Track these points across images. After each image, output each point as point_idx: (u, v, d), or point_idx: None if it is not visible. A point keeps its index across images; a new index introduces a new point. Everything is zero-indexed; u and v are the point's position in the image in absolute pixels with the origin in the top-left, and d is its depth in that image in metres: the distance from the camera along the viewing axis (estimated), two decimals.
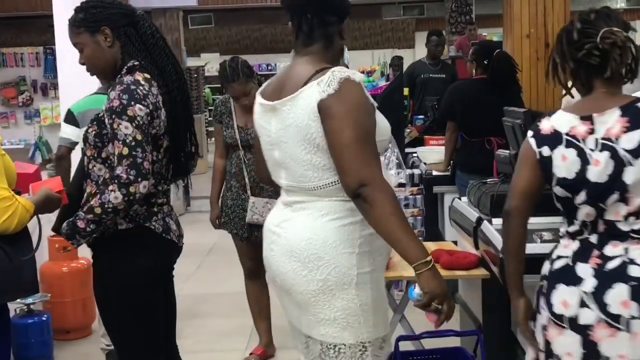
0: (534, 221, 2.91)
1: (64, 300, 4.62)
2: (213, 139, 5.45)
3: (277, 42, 19.51)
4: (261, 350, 4.30)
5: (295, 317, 2.30)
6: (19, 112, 7.67)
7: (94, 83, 7.47)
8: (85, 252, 4.65)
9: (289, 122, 2.16)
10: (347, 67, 2.43)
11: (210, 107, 15.48)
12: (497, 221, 2.97)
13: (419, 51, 16.49)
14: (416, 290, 2.07)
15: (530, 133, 2.22)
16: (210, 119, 16.88)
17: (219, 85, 16.86)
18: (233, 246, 4.94)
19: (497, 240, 2.91)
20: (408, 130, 6.61)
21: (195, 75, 13.24)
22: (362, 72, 9.86)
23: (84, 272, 4.69)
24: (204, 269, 6.53)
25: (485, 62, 4.88)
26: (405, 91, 7.04)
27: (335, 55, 2.29)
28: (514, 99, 4.69)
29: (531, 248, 2.81)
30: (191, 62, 13.86)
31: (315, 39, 2.23)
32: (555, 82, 2.22)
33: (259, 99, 2.33)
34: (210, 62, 18.22)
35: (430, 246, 3.66)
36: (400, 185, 3.53)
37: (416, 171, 5.20)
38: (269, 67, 18.94)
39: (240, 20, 18.25)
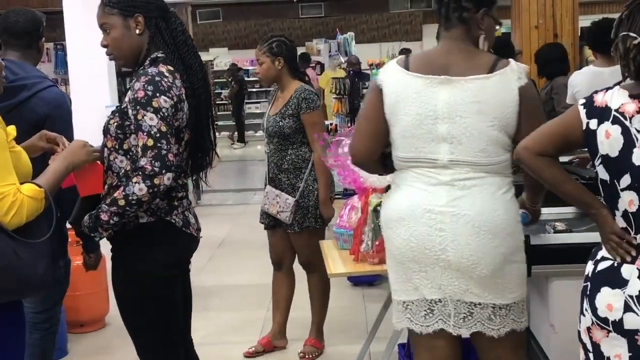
0: (546, 212, 2.89)
1: (78, 293, 4.61)
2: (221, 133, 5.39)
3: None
4: (266, 340, 4.31)
5: (461, 290, 2.38)
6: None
7: (103, 78, 7.48)
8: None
9: (479, 98, 2.32)
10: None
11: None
12: None
13: (427, 43, 16.45)
14: None
15: (581, 101, 2.09)
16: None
17: (228, 79, 16.88)
18: (244, 239, 5.01)
19: None
20: None
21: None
22: (371, 65, 9.83)
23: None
24: (215, 261, 6.54)
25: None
26: None
27: (476, 41, 2.45)
28: None
29: (545, 239, 2.79)
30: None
31: (454, 23, 2.42)
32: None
33: (405, 72, 2.42)
34: (219, 57, 18.23)
35: None
36: None
37: None
38: None
39: (248, 14, 18.24)
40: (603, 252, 2.08)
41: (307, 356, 4.16)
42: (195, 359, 2.78)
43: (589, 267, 2.12)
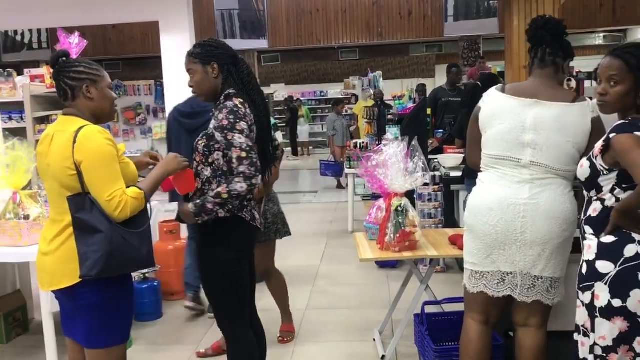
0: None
1: (170, 270, 4.68)
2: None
3: (327, 74, 19.51)
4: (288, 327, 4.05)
5: (530, 265, 2.47)
6: (137, 129, 7.81)
7: None
8: (184, 234, 4.74)
9: (560, 119, 2.42)
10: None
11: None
12: None
13: (438, 80, 16.31)
14: None
15: None
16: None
17: (284, 108, 16.97)
18: (297, 230, 4.96)
19: None
20: (430, 141, 6.53)
21: (267, 101, 13.33)
22: (394, 97, 9.78)
23: (184, 249, 4.76)
24: None
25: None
26: (428, 111, 6.95)
27: (561, 82, 2.59)
28: None
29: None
30: (263, 91, 13.96)
31: (547, 64, 2.51)
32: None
33: (502, 95, 2.54)
34: (278, 91, 18.35)
35: (449, 232, 3.62)
36: (425, 184, 3.48)
37: (437, 173, 5.14)
38: (322, 94, 18.95)
39: (300, 58, 18.29)
40: None
41: (285, 339, 3.90)
42: (257, 321, 2.80)
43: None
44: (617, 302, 1.99)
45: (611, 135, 2.07)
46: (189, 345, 3.92)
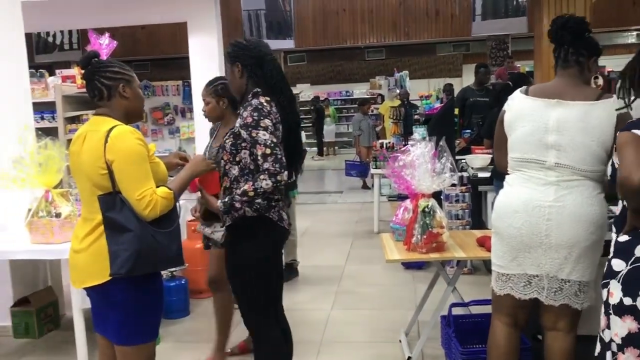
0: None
1: (197, 268, 4.71)
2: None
3: (353, 74, 19.46)
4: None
5: (556, 268, 2.42)
6: (165, 130, 7.90)
7: None
8: None
9: (583, 119, 2.35)
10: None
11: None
12: None
13: (466, 79, 16.14)
14: None
15: None
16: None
17: (310, 108, 17.00)
18: (321, 231, 5.00)
19: None
20: (458, 141, 6.48)
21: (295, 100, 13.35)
22: (421, 97, 9.72)
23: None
24: (299, 247, 6.57)
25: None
26: (456, 111, 6.90)
27: (587, 81, 2.52)
28: None
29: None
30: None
31: (571, 64, 2.47)
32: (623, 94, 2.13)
33: (525, 97, 2.50)
34: (303, 91, 18.40)
35: (476, 233, 3.59)
36: (453, 185, 3.44)
37: (465, 174, 5.10)
38: (347, 93, 18.93)
39: (326, 58, 18.32)
40: None
41: None
42: (284, 319, 2.81)
43: None
44: (627, 301, 1.98)
45: (618, 133, 2.10)
46: None
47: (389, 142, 7.46)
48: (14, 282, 4.27)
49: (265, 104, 2.48)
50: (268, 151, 2.39)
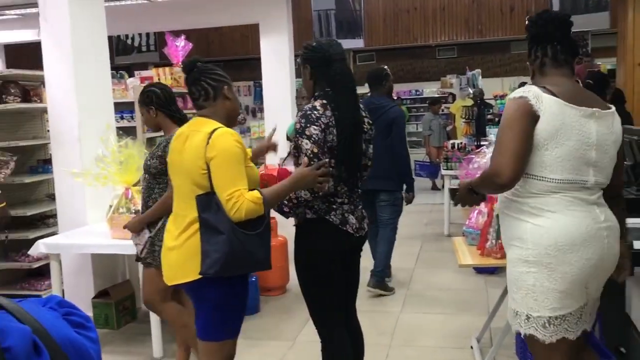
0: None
1: None
2: None
3: (423, 73, 19.16)
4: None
5: (596, 289, 2.18)
6: (236, 129, 8.08)
7: (287, 107, 7.76)
8: (282, 231, 4.85)
9: (612, 130, 2.15)
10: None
11: None
12: None
13: None
14: None
15: None
16: None
17: None
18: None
19: None
20: None
21: (361, 100, 13.33)
22: (495, 96, 9.48)
23: (281, 246, 4.87)
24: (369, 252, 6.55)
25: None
26: None
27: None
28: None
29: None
30: (359, 90, 13.98)
31: (561, 64, 2.19)
32: None
33: (564, 103, 2.07)
34: None
35: None
36: None
37: None
38: (417, 92, 18.70)
39: (395, 57, 18.14)
40: None
41: None
42: (355, 321, 2.79)
43: None
44: None
45: None
46: (285, 342, 4.00)
47: (461, 143, 7.32)
48: (95, 275, 4.49)
49: (319, 107, 2.47)
50: (306, 161, 2.39)
